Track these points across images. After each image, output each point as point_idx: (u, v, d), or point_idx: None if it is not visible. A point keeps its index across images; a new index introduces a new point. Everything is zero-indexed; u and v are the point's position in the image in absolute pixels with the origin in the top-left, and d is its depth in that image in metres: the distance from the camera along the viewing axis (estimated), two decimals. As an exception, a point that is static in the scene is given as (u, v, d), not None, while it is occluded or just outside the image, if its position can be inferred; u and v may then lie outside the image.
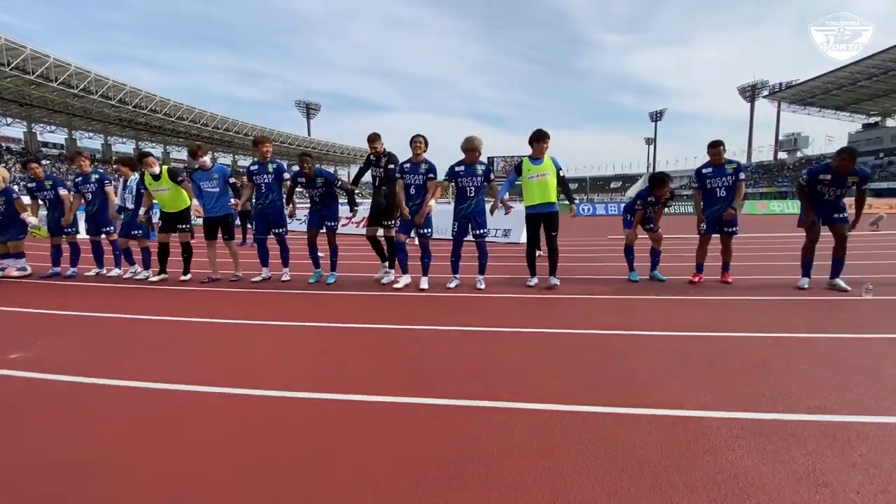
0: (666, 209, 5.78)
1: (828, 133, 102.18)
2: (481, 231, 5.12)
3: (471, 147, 4.99)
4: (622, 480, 1.57)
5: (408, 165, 5.08)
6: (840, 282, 4.67)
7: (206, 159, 5.61)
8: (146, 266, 6.01)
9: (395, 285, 5.22)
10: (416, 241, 5.56)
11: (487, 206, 5.19)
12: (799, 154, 67.27)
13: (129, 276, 6.03)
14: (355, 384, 2.47)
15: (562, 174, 5.06)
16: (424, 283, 5.12)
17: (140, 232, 6.01)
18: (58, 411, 2.22)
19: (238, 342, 3.33)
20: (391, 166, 5.39)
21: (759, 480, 1.57)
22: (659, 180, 5.31)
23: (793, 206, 31.63)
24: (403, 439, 1.89)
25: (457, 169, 5.07)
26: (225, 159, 71.96)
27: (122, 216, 6.13)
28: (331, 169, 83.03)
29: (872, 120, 61.15)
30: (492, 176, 5.14)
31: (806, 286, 4.74)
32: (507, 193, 5.28)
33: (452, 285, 5.13)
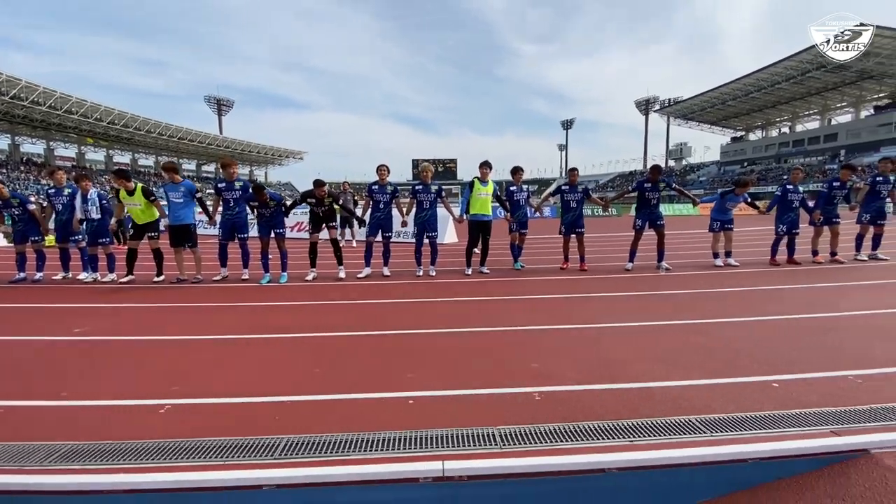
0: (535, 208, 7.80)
1: (706, 144, 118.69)
2: (433, 234, 6.94)
3: (423, 170, 6.92)
4: (490, 359, 3.27)
5: (376, 187, 6.71)
6: (664, 264, 7.01)
7: (177, 176, 6.57)
8: (111, 269, 6.78)
9: (359, 275, 6.73)
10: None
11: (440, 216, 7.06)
12: (684, 162, 77.50)
13: (91, 279, 6.74)
14: (342, 328, 3.95)
15: (498, 193, 7.11)
16: (387, 272, 6.89)
17: (107, 240, 6.76)
18: (142, 352, 3.43)
19: (260, 316, 4.60)
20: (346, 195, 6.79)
21: (555, 346, 3.38)
22: (513, 170, 7.28)
23: (674, 209, 37.34)
24: (381, 351, 3.44)
25: (417, 188, 6.86)
26: (123, 157, 65.42)
27: (86, 226, 6.80)
28: (246, 170, 78.96)
29: (738, 134, 72.67)
30: (443, 194, 6.93)
31: (629, 268, 7.02)
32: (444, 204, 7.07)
33: (420, 273, 6.85)
